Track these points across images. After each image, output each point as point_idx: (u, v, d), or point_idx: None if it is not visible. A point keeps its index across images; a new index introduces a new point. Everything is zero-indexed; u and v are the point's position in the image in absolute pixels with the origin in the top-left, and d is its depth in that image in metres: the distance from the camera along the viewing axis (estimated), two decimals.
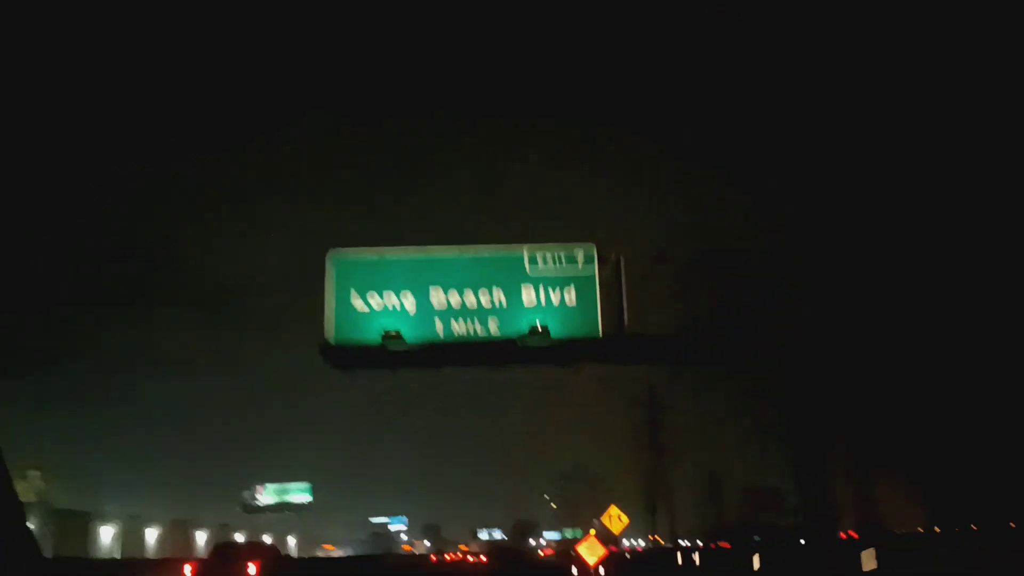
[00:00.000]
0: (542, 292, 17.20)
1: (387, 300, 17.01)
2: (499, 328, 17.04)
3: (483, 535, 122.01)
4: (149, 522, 49.59)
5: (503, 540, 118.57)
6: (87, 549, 40.24)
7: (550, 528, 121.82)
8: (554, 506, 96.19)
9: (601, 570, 19.61)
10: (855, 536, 47.49)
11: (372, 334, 16.76)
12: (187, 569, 21.08)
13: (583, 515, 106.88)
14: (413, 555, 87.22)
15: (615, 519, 20.97)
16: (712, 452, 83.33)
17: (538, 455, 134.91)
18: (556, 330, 17.23)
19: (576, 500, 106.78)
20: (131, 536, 46.15)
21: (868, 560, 15.84)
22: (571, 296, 17.30)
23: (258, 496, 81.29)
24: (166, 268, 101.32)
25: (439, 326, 17.11)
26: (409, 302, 17.06)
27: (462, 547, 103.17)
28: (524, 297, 17.21)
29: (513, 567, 50.15)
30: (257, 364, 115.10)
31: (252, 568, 20.41)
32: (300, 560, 45.17)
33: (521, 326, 17.08)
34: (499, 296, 17.11)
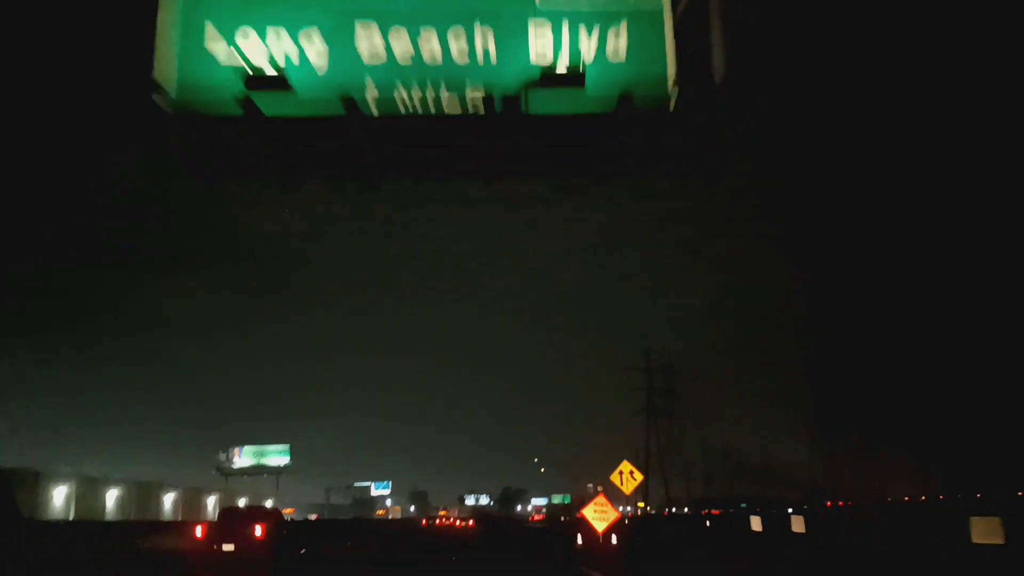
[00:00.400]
0: (566, 36, 7.36)
1: (274, 44, 7.28)
2: (482, 100, 7.44)
3: (470, 501, 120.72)
4: (109, 484, 45.87)
5: (490, 505, 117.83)
6: (35, 510, 36.48)
7: (538, 494, 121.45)
8: (543, 470, 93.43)
9: (613, 538, 16.11)
10: (841, 506, 46.14)
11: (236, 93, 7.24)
12: (198, 530, 22.42)
13: (576, 479, 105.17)
14: (403, 519, 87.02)
15: (627, 477, 17.31)
16: (710, 423, 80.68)
17: (529, 420, 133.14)
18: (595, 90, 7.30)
19: (568, 464, 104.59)
20: (87, 498, 42.47)
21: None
22: (620, 44, 7.39)
23: (234, 458, 77.83)
24: (150, 228, 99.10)
25: (371, 91, 7.40)
26: (315, 48, 7.32)
27: (442, 511, 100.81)
28: (533, 46, 7.37)
29: (500, 531, 48.61)
30: (235, 326, 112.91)
31: (259, 529, 21.80)
32: (299, 523, 46.43)
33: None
34: (485, 42, 7.33)
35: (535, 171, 8.56)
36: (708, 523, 29.19)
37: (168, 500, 52.90)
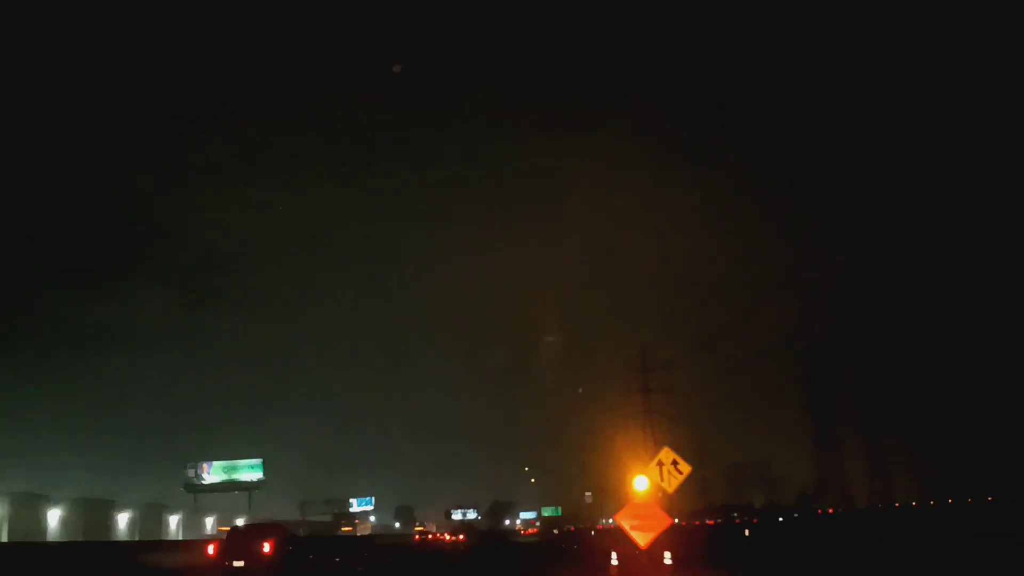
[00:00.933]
0: None
1: None
2: None
3: (457, 516, 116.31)
4: (51, 501, 40.78)
5: (477, 519, 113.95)
6: None
7: (527, 508, 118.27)
8: (533, 480, 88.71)
9: (667, 557, 11.60)
10: (831, 512, 50.62)
11: None
12: (210, 548, 23.74)
13: (567, 491, 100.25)
14: (396, 535, 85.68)
15: (669, 470, 12.61)
16: (703, 428, 76.13)
17: (517, 430, 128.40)
18: None
19: (558, 475, 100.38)
20: (24, 518, 37.41)
21: None
22: None
23: (203, 474, 72.50)
24: (122, 238, 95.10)
25: None
26: None
27: (417, 527, 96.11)
28: None
29: (494, 547, 47.10)
30: (198, 340, 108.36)
31: (267, 546, 23.01)
32: (302, 538, 43.95)
33: None
34: None
35: None
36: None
37: (123, 519, 47.74)
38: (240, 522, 68.37)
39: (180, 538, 51.37)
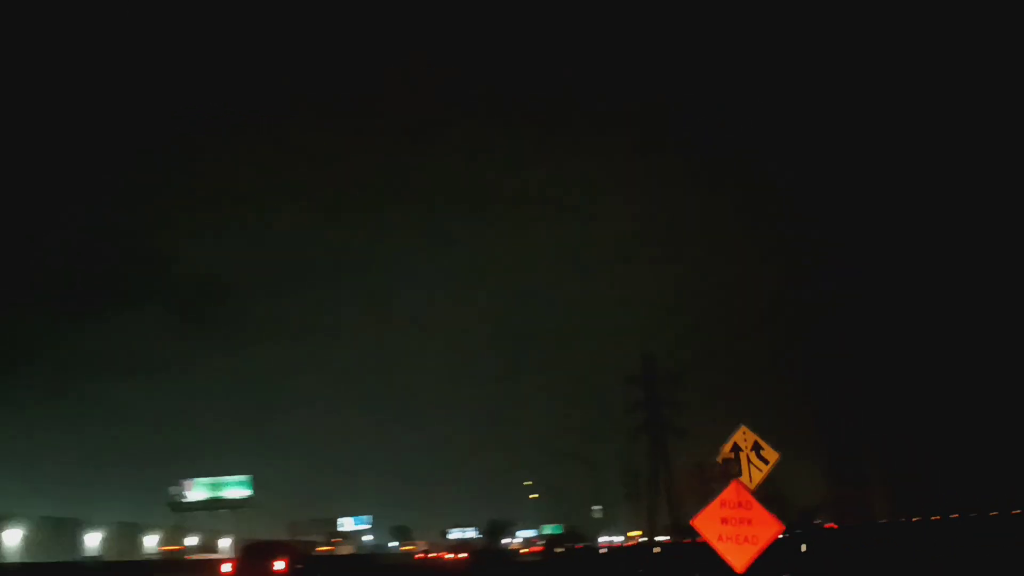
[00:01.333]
0: None
1: None
2: None
3: (455, 534, 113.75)
4: (12, 521, 37.12)
5: (476, 539, 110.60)
6: None
7: (526, 526, 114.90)
8: (535, 496, 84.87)
9: None
10: (834, 527, 51.15)
11: None
12: (226, 567, 24.79)
13: (569, 508, 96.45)
14: (399, 553, 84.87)
15: (750, 459, 9.15)
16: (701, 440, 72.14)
17: (515, 446, 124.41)
18: None
19: (558, 491, 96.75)
20: None
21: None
22: None
23: (187, 492, 68.69)
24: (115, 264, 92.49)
25: None
26: None
27: (406, 546, 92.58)
28: None
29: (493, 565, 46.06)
30: (183, 365, 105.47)
31: (280, 564, 23.83)
32: (313, 557, 48.14)
33: None
34: None
35: None
36: None
37: (93, 539, 43.97)
38: (225, 543, 64.64)
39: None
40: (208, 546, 53.87)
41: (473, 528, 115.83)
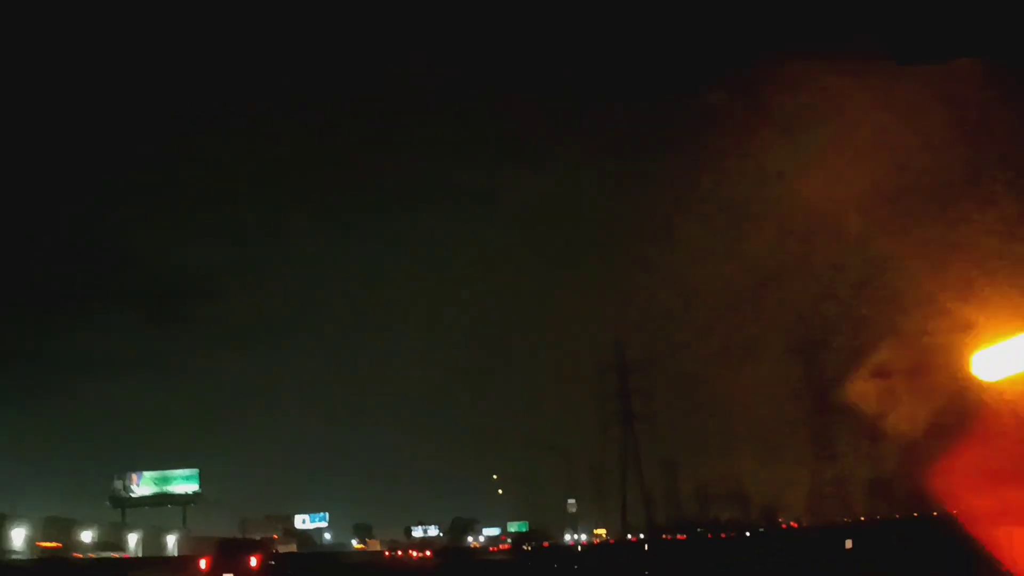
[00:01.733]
0: None
1: None
2: None
3: (418, 532, 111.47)
4: None
5: (439, 537, 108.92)
6: None
7: (490, 524, 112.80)
8: (500, 492, 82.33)
9: None
10: (795, 526, 52.17)
11: None
12: (203, 563, 25.93)
13: (534, 505, 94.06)
14: (366, 552, 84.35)
15: None
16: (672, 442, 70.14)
17: (479, 442, 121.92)
18: None
19: (523, 488, 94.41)
20: None
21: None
22: None
23: (132, 486, 65.07)
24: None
25: None
26: None
27: (358, 545, 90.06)
28: None
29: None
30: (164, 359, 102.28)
31: (254, 560, 25.57)
32: (281, 554, 49.06)
33: None
34: None
35: None
36: None
37: (17, 535, 40.48)
38: (172, 539, 61.09)
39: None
40: (114, 543, 49.78)
41: (435, 526, 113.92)
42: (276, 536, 77.07)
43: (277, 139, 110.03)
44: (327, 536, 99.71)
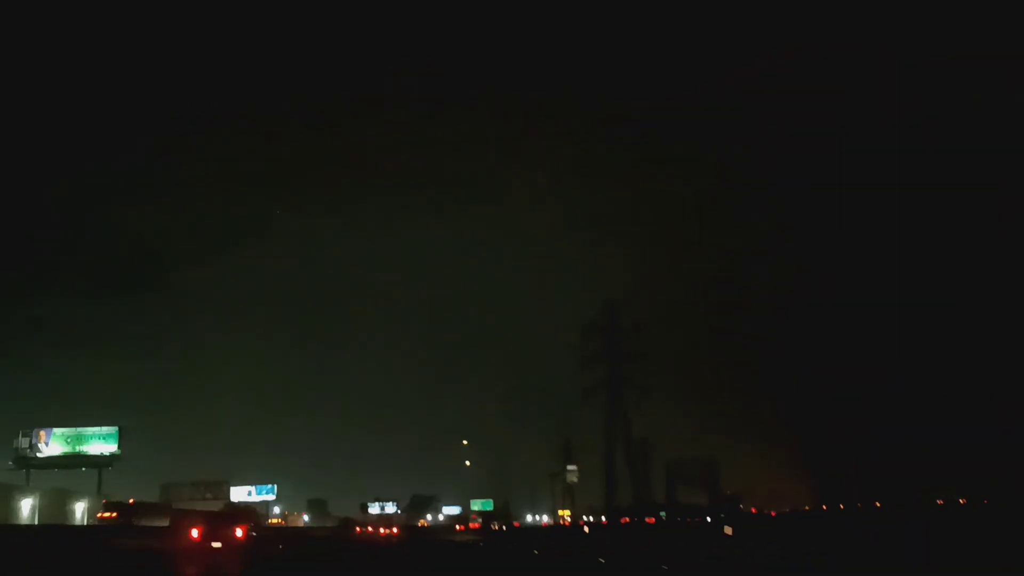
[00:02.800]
0: None
1: None
2: None
3: (374, 509, 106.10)
4: None
5: (397, 514, 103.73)
6: None
7: (450, 501, 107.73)
8: (468, 463, 74.84)
9: None
10: (754, 512, 54.44)
11: None
12: (194, 532, 27.69)
13: (502, 482, 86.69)
14: (337, 528, 79.59)
15: None
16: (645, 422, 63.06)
17: (440, 411, 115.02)
18: None
19: (489, 464, 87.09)
20: None
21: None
22: None
23: (40, 444, 56.27)
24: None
25: None
26: None
27: (273, 522, 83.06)
28: None
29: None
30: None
31: (240, 531, 28.91)
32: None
33: None
34: None
35: None
36: None
37: None
38: (80, 506, 52.45)
39: None
40: None
41: (393, 503, 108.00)
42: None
43: (298, 140, 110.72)
44: (276, 510, 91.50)
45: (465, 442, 63.14)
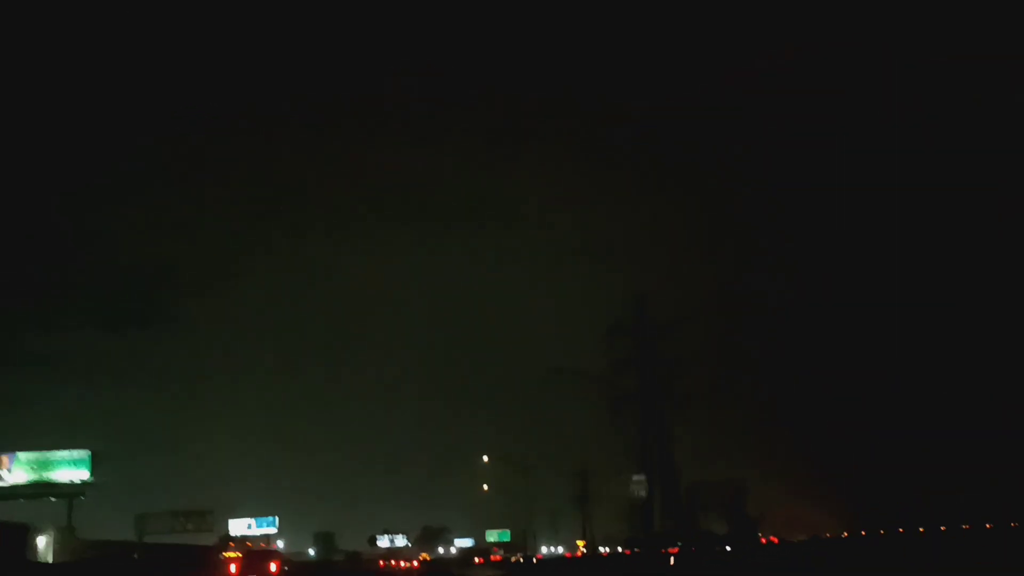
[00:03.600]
0: None
1: None
2: None
3: (383, 542, 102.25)
4: None
5: (407, 547, 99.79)
6: None
7: (462, 533, 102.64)
8: (485, 488, 68.24)
9: None
10: (775, 541, 50.28)
11: None
12: (232, 567, 32.81)
13: (517, 511, 79.73)
14: (361, 559, 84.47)
15: None
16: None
17: (451, 439, 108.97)
18: None
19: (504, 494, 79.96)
20: None
21: None
22: None
23: (2, 471, 50.27)
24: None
25: None
26: None
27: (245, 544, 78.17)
28: None
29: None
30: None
31: (274, 566, 32.98)
32: (294, 562, 53.61)
33: None
34: None
35: None
36: None
37: None
38: (43, 540, 46.18)
39: None
40: None
41: (403, 535, 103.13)
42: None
43: (273, 138, 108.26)
44: (280, 544, 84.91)
45: (486, 458, 56.57)
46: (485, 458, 56.54)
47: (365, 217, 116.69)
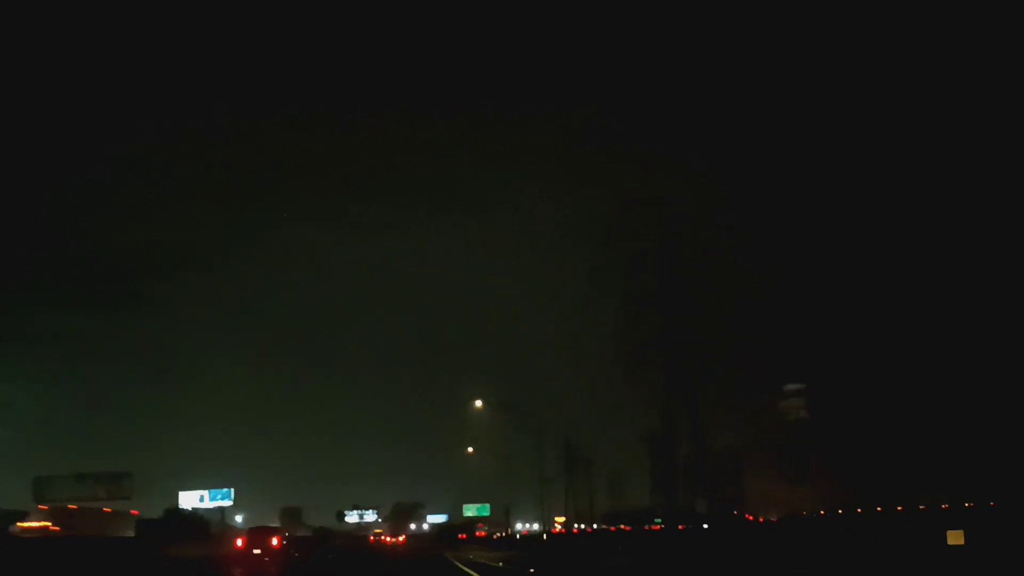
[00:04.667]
0: None
1: None
2: None
3: (352, 517, 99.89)
4: None
5: (377, 522, 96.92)
6: None
7: (436, 510, 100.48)
8: (471, 450, 62.26)
9: None
10: (750, 519, 49.90)
11: None
12: (239, 541, 36.64)
13: (498, 484, 73.75)
14: (354, 535, 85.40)
15: None
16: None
17: (424, 409, 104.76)
18: None
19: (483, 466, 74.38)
20: None
21: None
22: None
23: None
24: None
25: None
26: None
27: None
28: None
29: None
30: None
31: (275, 540, 36.10)
32: (292, 537, 55.59)
33: None
34: None
35: None
36: None
37: None
38: None
39: None
40: None
41: (373, 511, 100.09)
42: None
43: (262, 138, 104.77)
44: (239, 519, 78.37)
45: (479, 403, 50.24)
46: (479, 403, 49.94)
47: (344, 202, 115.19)
